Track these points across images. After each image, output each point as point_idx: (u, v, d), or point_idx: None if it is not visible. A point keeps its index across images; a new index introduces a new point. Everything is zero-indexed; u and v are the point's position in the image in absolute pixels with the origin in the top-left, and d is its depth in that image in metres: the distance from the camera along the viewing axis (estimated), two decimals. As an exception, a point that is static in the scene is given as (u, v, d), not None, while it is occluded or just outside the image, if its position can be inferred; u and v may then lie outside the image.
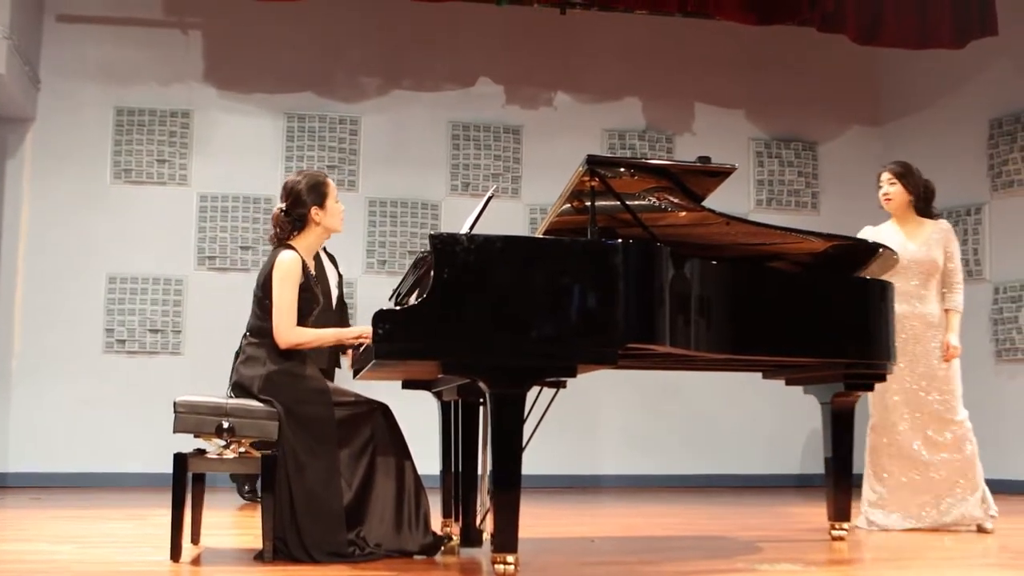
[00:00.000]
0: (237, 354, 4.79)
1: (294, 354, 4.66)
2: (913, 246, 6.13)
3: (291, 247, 4.73)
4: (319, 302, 4.84)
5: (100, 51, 9.71)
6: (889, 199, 6.25)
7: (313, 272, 4.86)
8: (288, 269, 4.64)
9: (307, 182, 4.80)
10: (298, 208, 4.76)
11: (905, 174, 6.27)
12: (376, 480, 4.59)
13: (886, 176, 6.28)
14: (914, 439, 6.05)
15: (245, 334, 4.76)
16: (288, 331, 4.61)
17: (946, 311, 6.17)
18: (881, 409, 6.13)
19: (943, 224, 6.26)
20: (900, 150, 10.67)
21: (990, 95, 9.82)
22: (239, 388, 4.66)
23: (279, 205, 4.80)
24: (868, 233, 6.14)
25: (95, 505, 7.47)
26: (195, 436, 4.57)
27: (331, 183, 4.87)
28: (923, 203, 6.26)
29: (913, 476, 6.05)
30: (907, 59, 10.33)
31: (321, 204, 4.78)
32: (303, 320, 4.68)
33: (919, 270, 6.11)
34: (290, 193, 4.79)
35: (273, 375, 4.59)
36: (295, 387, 4.58)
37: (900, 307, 5.78)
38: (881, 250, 5.23)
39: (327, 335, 4.84)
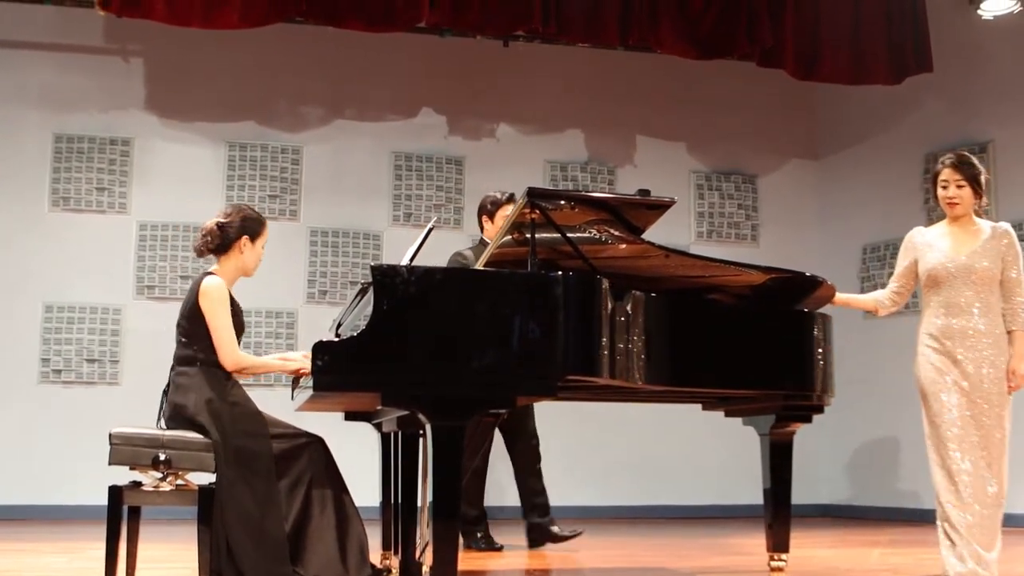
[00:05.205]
0: (166, 390, 4.74)
1: (227, 380, 4.64)
2: (964, 254, 5.21)
3: (213, 274, 4.75)
4: (243, 330, 4.84)
5: (40, 77, 9.62)
6: (955, 203, 5.28)
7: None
8: (217, 294, 4.66)
9: (252, 214, 4.88)
10: (231, 228, 4.77)
11: (977, 174, 5.29)
12: (312, 513, 4.56)
13: (954, 176, 5.29)
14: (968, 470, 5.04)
15: (173, 366, 4.72)
16: (234, 353, 4.62)
17: (1009, 332, 5.18)
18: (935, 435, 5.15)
19: (1002, 228, 5.28)
20: (837, 183, 10.85)
21: (925, 130, 9.99)
22: (175, 418, 4.61)
23: (217, 219, 4.81)
24: (916, 235, 5.45)
25: (28, 538, 7.34)
26: (131, 468, 4.52)
27: (267, 230, 4.93)
28: (980, 199, 5.32)
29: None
30: (844, 94, 10.49)
31: (253, 239, 4.82)
32: None
33: (972, 280, 5.17)
34: (235, 211, 4.85)
35: (211, 401, 4.55)
36: (234, 416, 4.55)
37: (951, 321, 5.16)
38: (822, 283, 5.27)
39: (272, 363, 4.87)
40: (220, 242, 4.79)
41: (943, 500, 5.03)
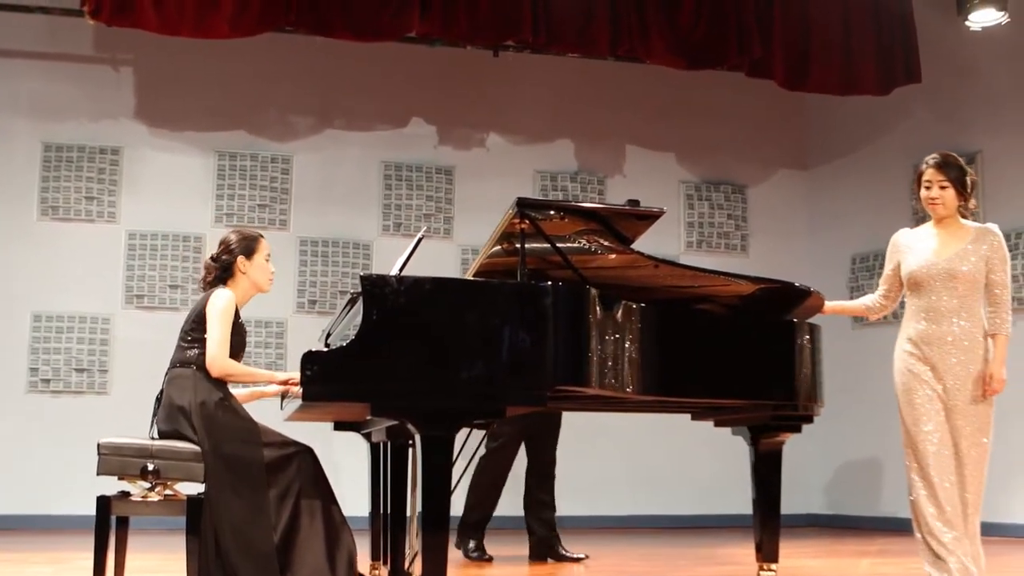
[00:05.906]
0: (158, 398, 4.72)
1: (221, 386, 4.64)
2: (946, 256, 5.00)
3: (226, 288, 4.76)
4: (244, 348, 4.84)
5: (29, 86, 9.61)
6: (937, 204, 5.07)
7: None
8: (225, 305, 4.68)
9: (240, 234, 4.92)
10: (225, 256, 4.81)
11: (961, 176, 5.07)
12: (301, 523, 4.54)
13: (937, 177, 5.06)
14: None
15: (168, 369, 4.71)
16: (223, 360, 4.61)
17: (991, 336, 4.96)
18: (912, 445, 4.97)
19: (989, 229, 5.08)
20: (826, 193, 10.88)
21: (914, 140, 10.01)
22: (168, 419, 4.59)
23: (212, 253, 4.86)
24: (901, 236, 5.27)
25: (16, 548, 7.31)
26: (119, 478, 4.51)
27: (265, 242, 4.95)
28: (966, 201, 5.11)
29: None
30: (833, 105, 10.52)
31: (248, 256, 4.83)
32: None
33: (954, 284, 4.96)
34: (222, 242, 4.90)
35: (205, 404, 4.54)
36: (226, 421, 4.53)
37: (932, 326, 4.96)
38: (811, 293, 5.27)
39: (259, 373, 4.87)
40: (219, 272, 4.83)
41: (925, 511, 4.83)
